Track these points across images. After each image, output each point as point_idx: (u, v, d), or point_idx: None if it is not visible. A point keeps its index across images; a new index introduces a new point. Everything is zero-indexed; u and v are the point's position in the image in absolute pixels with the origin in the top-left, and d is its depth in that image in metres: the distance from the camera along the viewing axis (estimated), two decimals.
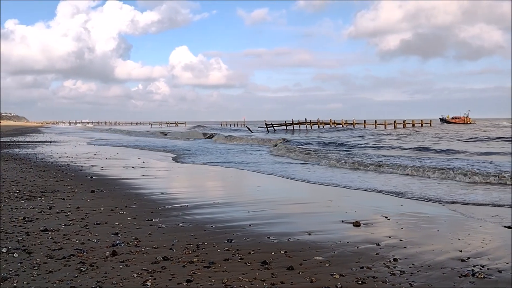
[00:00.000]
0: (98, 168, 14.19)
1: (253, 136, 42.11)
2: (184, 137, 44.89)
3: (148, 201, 8.55)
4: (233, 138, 36.25)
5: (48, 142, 32.23)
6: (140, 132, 58.72)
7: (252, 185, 11.56)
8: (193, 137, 44.67)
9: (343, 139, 35.71)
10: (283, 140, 29.86)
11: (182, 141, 37.31)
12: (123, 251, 5.08)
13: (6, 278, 4.15)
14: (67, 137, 44.71)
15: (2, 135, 44.84)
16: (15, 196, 8.53)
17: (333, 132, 53.89)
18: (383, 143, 29.59)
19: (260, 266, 4.64)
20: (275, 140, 29.97)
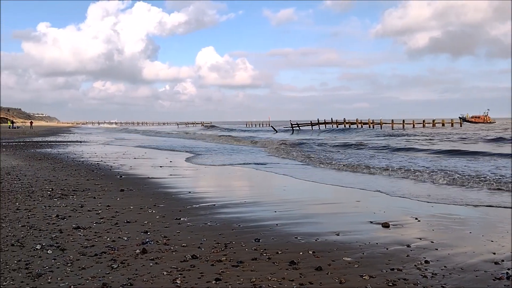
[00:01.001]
0: (127, 168, 14.46)
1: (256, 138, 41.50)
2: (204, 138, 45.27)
3: (176, 200, 8.65)
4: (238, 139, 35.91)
5: (79, 142, 33.05)
6: (160, 133, 59.41)
7: (277, 185, 11.53)
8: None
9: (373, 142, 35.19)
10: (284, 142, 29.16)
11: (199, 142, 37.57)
12: (153, 249, 5.16)
13: (41, 274, 4.28)
14: (96, 137, 45.73)
15: (35, 135, 46.25)
16: (48, 195, 8.78)
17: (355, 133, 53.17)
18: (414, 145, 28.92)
19: (288, 266, 4.63)
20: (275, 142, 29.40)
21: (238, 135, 48.82)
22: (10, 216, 6.80)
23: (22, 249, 5.09)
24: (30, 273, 4.29)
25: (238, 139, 35.19)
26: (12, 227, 6.11)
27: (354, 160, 17.14)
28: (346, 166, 14.98)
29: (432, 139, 34.32)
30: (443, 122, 65.34)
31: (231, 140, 35.55)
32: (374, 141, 33.64)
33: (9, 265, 4.52)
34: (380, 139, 36.27)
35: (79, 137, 42.37)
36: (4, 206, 7.52)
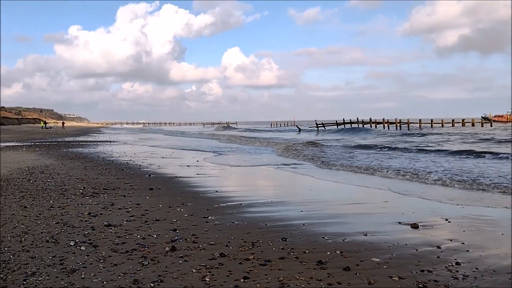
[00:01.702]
0: (155, 167, 14.70)
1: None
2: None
3: (203, 199, 8.75)
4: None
5: (108, 141, 33.79)
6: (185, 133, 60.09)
7: (303, 185, 11.49)
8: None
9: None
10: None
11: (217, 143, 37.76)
12: (182, 247, 5.25)
13: (75, 270, 4.42)
14: (125, 136, 46.65)
15: (67, 135, 47.56)
16: (80, 193, 9.04)
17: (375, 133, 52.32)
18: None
19: (316, 265, 4.62)
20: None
21: (260, 135, 48.98)
22: (45, 213, 7.04)
23: (56, 245, 5.27)
24: (64, 269, 4.44)
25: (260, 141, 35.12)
26: (46, 224, 6.33)
27: (378, 161, 16.91)
28: (371, 168, 14.79)
29: (450, 139, 33.38)
30: (463, 122, 63.47)
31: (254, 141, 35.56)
32: (399, 141, 33.07)
33: (44, 261, 4.69)
34: (403, 139, 35.62)
35: (108, 137, 43.31)
36: (38, 204, 7.78)
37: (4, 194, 8.67)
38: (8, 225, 6.20)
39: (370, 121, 65.08)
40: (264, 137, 41.46)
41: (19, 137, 38.36)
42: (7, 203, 7.83)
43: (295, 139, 36.85)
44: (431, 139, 34.24)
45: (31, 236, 5.65)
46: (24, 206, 7.52)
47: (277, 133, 58.26)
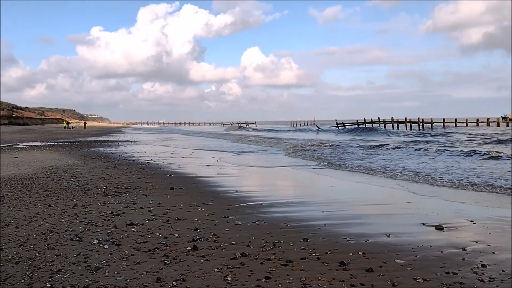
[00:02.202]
0: (176, 167, 14.82)
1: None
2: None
3: (223, 198, 8.77)
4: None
5: (129, 141, 34.24)
6: (202, 133, 60.39)
7: (324, 186, 11.40)
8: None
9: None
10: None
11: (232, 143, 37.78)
12: (203, 246, 5.27)
13: (99, 268, 4.48)
14: (145, 136, 47.19)
15: (88, 135, 48.38)
16: (103, 192, 9.17)
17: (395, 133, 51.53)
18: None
19: (338, 266, 4.58)
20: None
21: (278, 136, 48.79)
22: (69, 212, 7.16)
23: (80, 243, 5.35)
24: (88, 267, 4.50)
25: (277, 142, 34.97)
26: (70, 222, 6.44)
27: (398, 162, 16.68)
28: (389, 170, 14.60)
29: (474, 139, 32.62)
30: (477, 122, 62.05)
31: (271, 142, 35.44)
32: (423, 140, 32.55)
33: (69, 259, 4.76)
34: (426, 138, 35.04)
35: (129, 137, 43.91)
36: (62, 203, 7.93)
37: (29, 193, 8.86)
38: (33, 223, 6.33)
39: (392, 120, 63.99)
40: (282, 138, 41.31)
41: (42, 137, 39.21)
42: (32, 201, 8.00)
43: (314, 139, 36.63)
44: (456, 139, 33.59)
45: (56, 234, 5.76)
46: (48, 205, 7.67)
47: (297, 133, 57.91)
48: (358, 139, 38.51)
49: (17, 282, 4.07)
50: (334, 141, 32.10)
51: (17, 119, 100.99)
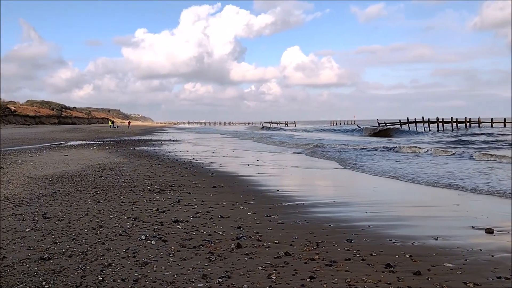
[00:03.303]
0: (217, 165, 15.01)
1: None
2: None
3: (265, 197, 8.81)
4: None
5: (172, 140, 34.99)
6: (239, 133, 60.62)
7: (367, 186, 11.20)
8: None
9: None
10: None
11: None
12: (247, 244, 5.32)
13: (147, 263, 4.62)
14: (187, 136, 48.06)
15: (133, 134, 49.85)
16: (148, 189, 9.43)
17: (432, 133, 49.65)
18: None
19: (384, 268, 4.50)
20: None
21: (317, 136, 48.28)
22: (117, 208, 7.42)
23: (129, 239, 5.53)
24: (137, 261, 4.65)
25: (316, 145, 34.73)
26: (119, 218, 6.67)
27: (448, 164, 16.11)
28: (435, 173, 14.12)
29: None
30: (504, 123, 58.74)
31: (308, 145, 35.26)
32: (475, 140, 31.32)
33: (118, 253, 4.94)
34: (476, 138, 33.66)
35: (171, 136, 44.88)
36: (111, 199, 8.22)
37: (79, 189, 9.25)
38: (84, 218, 6.60)
39: (437, 120, 61.74)
40: (322, 139, 40.91)
41: (89, 136, 40.76)
42: (82, 197, 8.35)
43: (355, 141, 36.04)
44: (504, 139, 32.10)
45: (105, 229, 5.98)
46: (97, 201, 7.98)
47: (339, 135, 57.01)
48: (409, 139, 37.57)
49: (71, 274, 4.26)
50: (378, 144, 31.46)
51: (66, 118, 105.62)
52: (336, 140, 36.76)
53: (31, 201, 7.87)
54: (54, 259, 4.69)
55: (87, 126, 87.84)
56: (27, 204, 7.60)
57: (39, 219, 6.49)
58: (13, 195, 8.42)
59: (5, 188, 9.24)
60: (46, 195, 8.49)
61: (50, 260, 4.65)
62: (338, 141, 34.24)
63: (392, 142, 33.52)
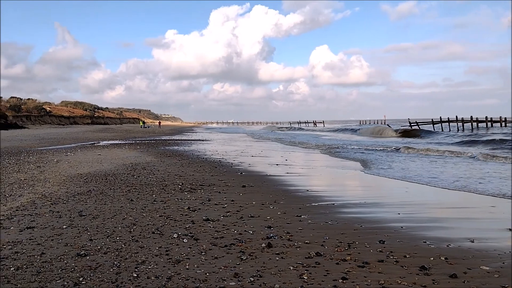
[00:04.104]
0: (246, 165, 15.07)
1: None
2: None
3: (294, 197, 8.78)
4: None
5: (201, 140, 35.35)
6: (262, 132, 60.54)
7: (397, 186, 10.99)
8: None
9: None
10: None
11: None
12: (277, 244, 5.32)
13: (179, 261, 4.68)
14: (216, 135, 48.45)
15: (163, 134, 50.64)
16: (179, 188, 9.56)
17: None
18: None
19: (419, 271, 4.41)
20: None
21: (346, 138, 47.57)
22: (149, 206, 7.56)
23: (161, 237, 5.63)
24: (170, 259, 4.72)
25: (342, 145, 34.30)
26: (151, 216, 6.79)
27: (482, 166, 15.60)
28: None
29: None
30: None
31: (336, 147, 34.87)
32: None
33: (152, 251, 5.03)
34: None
35: (200, 136, 45.34)
36: (143, 198, 8.38)
37: (112, 188, 9.47)
38: (118, 216, 6.75)
39: (471, 119, 59.84)
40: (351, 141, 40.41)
41: (121, 136, 41.66)
42: (115, 196, 8.54)
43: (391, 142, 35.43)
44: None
45: (138, 227, 6.10)
46: (130, 199, 8.15)
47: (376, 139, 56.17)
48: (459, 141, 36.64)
49: (106, 270, 4.37)
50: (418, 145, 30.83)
51: (98, 118, 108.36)
52: (360, 141, 36.25)
53: (67, 199, 8.11)
54: (90, 255, 4.83)
55: (119, 126, 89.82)
56: (63, 202, 7.84)
57: (75, 217, 6.69)
58: (50, 193, 8.71)
59: (43, 186, 9.56)
60: (81, 193, 8.73)
61: (86, 256, 4.79)
62: (362, 142, 33.77)
63: (416, 142, 32.79)
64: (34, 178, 10.87)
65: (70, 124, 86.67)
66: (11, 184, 9.79)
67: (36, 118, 79.22)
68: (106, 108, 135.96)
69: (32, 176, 11.12)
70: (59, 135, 38.72)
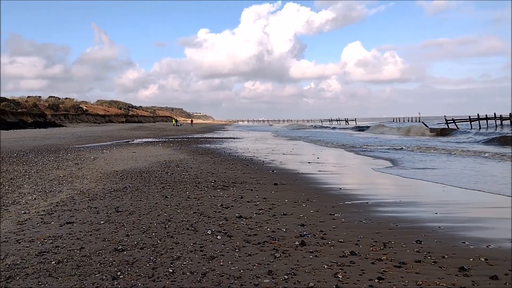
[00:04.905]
0: (278, 163, 15.05)
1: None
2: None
3: (327, 196, 8.70)
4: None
5: (232, 138, 35.57)
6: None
7: (433, 186, 10.70)
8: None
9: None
10: None
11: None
12: (311, 242, 5.29)
13: (214, 257, 4.72)
14: (247, 133, 48.62)
15: (195, 132, 51.26)
16: (212, 185, 9.65)
17: None
18: None
19: (458, 272, 4.28)
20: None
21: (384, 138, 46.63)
22: (183, 203, 7.66)
23: (195, 233, 5.69)
24: (204, 255, 4.77)
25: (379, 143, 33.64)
26: (185, 213, 6.88)
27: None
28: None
29: None
30: None
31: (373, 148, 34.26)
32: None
33: (186, 247, 5.09)
34: None
35: (232, 134, 45.62)
36: (177, 194, 8.51)
37: (147, 185, 9.66)
38: (153, 213, 6.88)
39: (510, 116, 57.29)
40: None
41: (154, 134, 42.44)
42: (150, 192, 8.71)
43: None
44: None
45: (173, 223, 6.20)
46: (165, 196, 8.29)
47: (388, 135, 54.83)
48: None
49: (143, 265, 4.46)
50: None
51: (132, 117, 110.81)
52: (391, 140, 35.52)
53: (104, 195, 8.33)
54: (127, 250, 4.94)
55: (152, 125, 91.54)
56: (100, 198, 8.06)
57: (112, 212, 6.86)
58: (87, 189, 8.97)
59: (81, 183, 9.86)
60: (117, 190, 8.95)
61: (123, 251, 4.90)
62: (393, 141, 33.07)
63: (452, 141, 31.85)
64: (72, 174, 11.22)
65: (105, 123, 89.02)
66: (51, 181, 10.14)
67: (73, 116, 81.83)
68: (139, 106, 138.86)
69: (70, 173, 11.49)
70: (95, 133, 39.83)
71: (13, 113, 58.98)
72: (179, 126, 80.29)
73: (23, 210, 6.97)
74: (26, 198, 8.00)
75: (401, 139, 33.60)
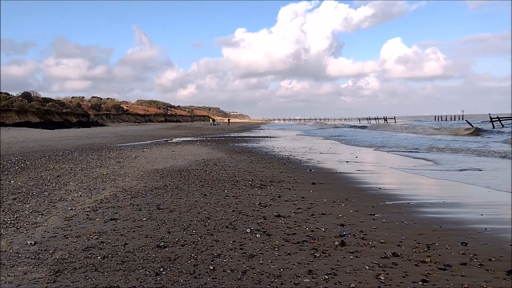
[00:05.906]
0: (315, 162, 14.94)
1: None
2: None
3: (367, 195, 8.56)
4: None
5: (269, 137, 35.61)
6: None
7: (477, 187, 10.30)
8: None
9: None
10: None
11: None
12: (351, 243, 5.22)
13: (253, 255, 4.75)
14: (283, 132, 48.54)
15: (232, 131, 51.68)
16: (249, 184, 9.70)
17: None
18: None
19: (506, 275, 4.12)
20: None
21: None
22: (222, 201, 7.75)
23: (235, 231, 5.74)
24: (244, 253, 4.81)
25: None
26: (224, 211, 6.96)
27: None
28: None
29: None
30: None
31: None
32: None
33: (226, 245, 5.15)
34: None
35: (268, 133, 45.68)
36: (216, 193, 8.61)
37: (187, 183, 9.83)
38: (193, 210, 7.00)
39: None
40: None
41: (192, 133, 43.13)
42: (190, 190, 8.86)
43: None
44: None
45: (213, 221, 6.28)
46: (204, 194, 8.41)
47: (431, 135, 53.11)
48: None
49: (184, 262, 4.55)
50: None
51: (171, 116, 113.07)
52: (432, 139, 34.43)
53: (146, 193, 8.55)
54: (169, 247, 5.05)
55: (190, 124, 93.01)
56: (142, 196, 8.27)
57: (154, 210, 7.03)
58: (130, 187, 9.22)
59: (123, 181, 10.16)
60: (158, 188, 9.16)
61: (165, 248, 5.01)
62: (435, 141, 32.03)
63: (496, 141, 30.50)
64: (115, 172, 11.58)
65: (145, 122, 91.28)
66: (95, 178, 10.50)
67: (114, 116, 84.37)
68: (178, 106, 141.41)
69: (113, 171, 11.85)
70: (135, 132, 40.92)
71: (59, 113, 61.47)
72: (216, 125, 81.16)
73: (70, 207, 7.26)
74: (72, 195, 8.32)
75: (441, 139, 32.55)
